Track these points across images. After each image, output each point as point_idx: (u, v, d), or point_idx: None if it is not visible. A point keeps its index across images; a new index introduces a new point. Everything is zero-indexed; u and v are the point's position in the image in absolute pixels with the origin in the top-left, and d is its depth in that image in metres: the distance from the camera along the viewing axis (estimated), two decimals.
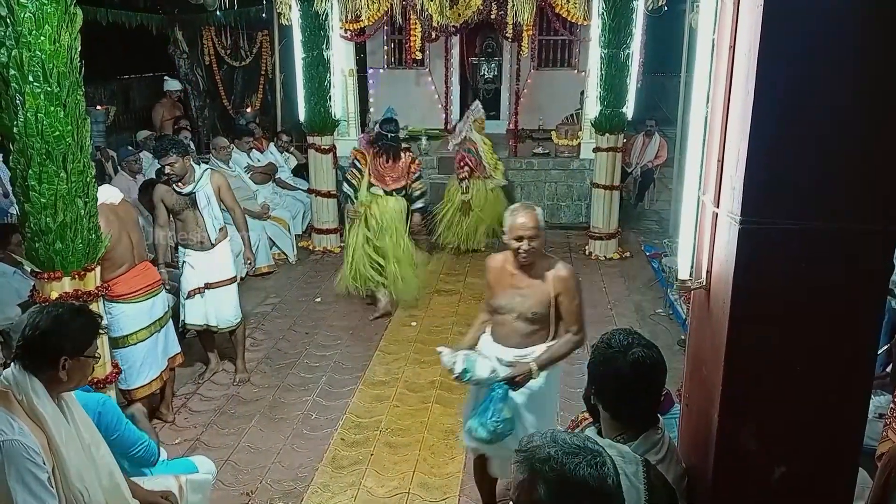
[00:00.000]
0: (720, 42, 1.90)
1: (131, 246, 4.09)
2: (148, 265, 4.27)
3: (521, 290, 3.13)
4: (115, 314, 4.01)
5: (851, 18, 1.62)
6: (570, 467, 1.40)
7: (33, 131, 3.11)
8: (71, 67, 3.19)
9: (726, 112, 1.85)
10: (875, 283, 1.77)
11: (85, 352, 2.37)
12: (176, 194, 4.65)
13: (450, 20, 7.44)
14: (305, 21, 7.27)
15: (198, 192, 4.66)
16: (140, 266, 4.17)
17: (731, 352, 1.81)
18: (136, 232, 4.19)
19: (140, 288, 4.11)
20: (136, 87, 11.74)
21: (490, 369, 3.07)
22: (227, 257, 4.91)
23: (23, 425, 2.14)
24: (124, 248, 4.03)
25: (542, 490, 1.40)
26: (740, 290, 1.77)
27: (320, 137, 7.65)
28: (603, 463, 1.43)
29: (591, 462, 1.41)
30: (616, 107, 7.29)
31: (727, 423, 1.86)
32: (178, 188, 4.64)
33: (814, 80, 1.65)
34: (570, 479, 1.39)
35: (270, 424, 4.42)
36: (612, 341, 1.92)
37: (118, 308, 4.02)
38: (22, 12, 2.99)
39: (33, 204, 3.20)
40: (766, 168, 1.69)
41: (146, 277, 4.18)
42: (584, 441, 1.47)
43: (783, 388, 1.82)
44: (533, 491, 1.42)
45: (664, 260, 6.84)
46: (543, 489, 1.40)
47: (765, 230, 1.71)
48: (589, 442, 1.48)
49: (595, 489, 1.40)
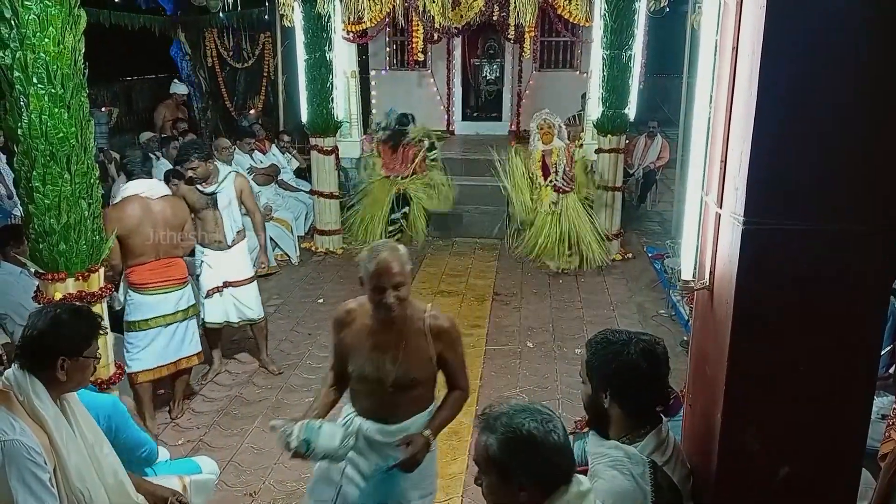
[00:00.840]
0: (723, 43, 1.91)
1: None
2: (173, 263, 4.30)
3: (389, 354, 2.46)
4: (129, 299, 4.22)
5: (854, 19, 1.62)
6: (517, 421, 1.56)
7: (37, 133, 3.12)
8: (75, 69, 3.20)
9: (729, 113, 1.85)
10: (878, 284, 1.77)
11: (84, 352, 2.35)
12: (198, 192, 4.74)
13: (452, 22, 7.45)
14: (308, 23, 7.28)
15: (220, 193, 4.78)
16: (162, 262, 4.22)
17: (734, 352, 1.82)
18: (168, 230, 4.21)
19: (154, 282, 4.20)
20: (139, 89, 11.79)
21: (341, 437, 2.47)
22: (245, 256, 5.01)
23: (24, 426, 2.15)
24: (143, 240, 4.10)
25: (494, 444, 1.56)
26: (743, 290, 1.77)
27: (323, 139, 7.66)
28: (549, 419, 1.57)
29: (536, 418, 1.56)
30: (618, 108, 7.29)
31: (730, 423, 1.87)
32: (201, 187, 4.74)
33: (816, 81, 1.65)
34: (517, 432, 1.54)
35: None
36: (610, 338, 1.93)
37: (131, 294, 4.21)
38: (26, 14, 3.00)
39: (37, 205, 3.21)
40: (769, 168, 1.70)
41: (164, 274, 4.23)
42: (537, 405, 1.63)
43: (786, 388, 1.83)
44: (488, 447, 1.58)
45: (667, 261, 6.84)
46: (494, 443, 1.56)
47: (768, 231, 1.72)
48: (542, 406, 1.63)
49: (540, 441, 1.54)
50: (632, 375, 1.88)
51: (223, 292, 4.92)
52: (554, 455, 1.55)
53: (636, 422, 1.91)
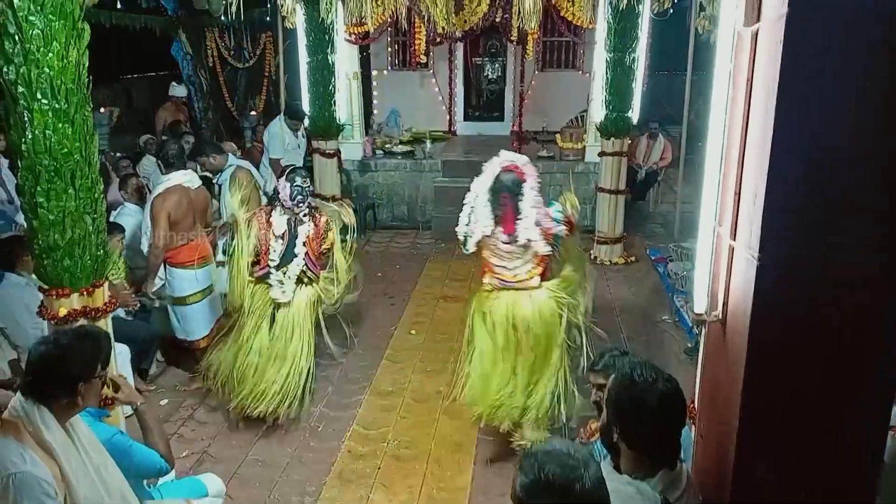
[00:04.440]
0: (737, 73, 1.88)
1: (194, 225, 4.89)
2: (199, 241, 4.94)
3: None
4: (175, 278, 4.93)
5: (874, 55, 1.60)
6: (544, 465, 1.56)
7: (41, 148, 3.10)
8: (79, 84, 3.17)
9: (743, 144, 1.83)
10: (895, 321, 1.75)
11: (95, 373, 2.39)
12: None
13: (455, 27, 7.41)
14: (310, 25, 7.25)
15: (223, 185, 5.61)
16: (197, 241, 4.92)
17: (748, 386, 1.80)
18: (201, 216, 4.98)
19: (192, 259, 4.89)
20: (138, 87, 11.76)
21: None
22: None
23: (34, 456, 2.14)
24: (187, 226, 4.84)
25: (520, 484, 1.59)
26: (759, 325, 1.75)
27: (325, 142, 7.63)
28: (576, 468, 1.56)
29: (564, 464, 1.56)
30: (622, 111, 7.26)
31: (744, 456, 1.85)
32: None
33: (834, 116, 1.63)
34: (540, 477, 1.56)
35: (277, 436, 4.41)
36: (636, 376, 1.90)
37: (177, 272, 4.91)
38: (30, 29, 2.97)
39: (41, 221, 3.19)
40: (786, 205, 1.68)
41: (198, 251, 4.92)
42: (572, 451, 1.61)
43: (802, 421, 1.82)
44: (515, 486, 1.61)
45: (670, 265, 6.83)
46: (520, 484, 1.59)
47: (784, 267, 1.70)
48: (577, 452, 1.62)
49: (561, 490, 1.54)
50: (645, 422, 1.87)
51: None
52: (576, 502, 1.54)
53: (648, 460, 1.90)
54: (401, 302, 6.59)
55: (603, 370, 2.78)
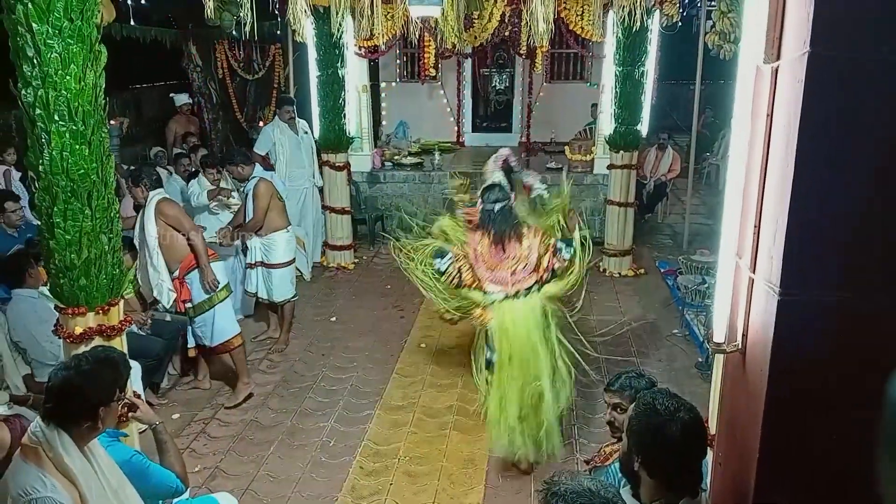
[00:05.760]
0: (757, 107, 1.89)
1: None
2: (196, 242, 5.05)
3: None
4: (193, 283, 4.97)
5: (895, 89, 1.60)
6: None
7: (58, 169, 3.13)
8: (96, 105, 3.20)
9: (763, 178, 1.84)
10: None
11: (115, 397, 2.42)
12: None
13: (466, 44, 7.43)
14: (320, 40, 7.29)
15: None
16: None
17: (769, 418, 1.80)
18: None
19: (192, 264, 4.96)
20: (148, 97, 11.81)
21: None
22: (282, 244, 5.75)
23: (55, 482, 2.16)
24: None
25: None
26: (779, 359, 1.75)
27: (335, 154, 7.66)
28: None
29: None
30: (631, 124, 7.28)
31: (763, 490, 1.85)
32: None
33: (857, 155, 1.63)
34: None
35: (289, 452, 4.42)
36: (657, 405, 1.90)
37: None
38: (48, 52, 3.01)
39: (58, 241, 3.22)
40: (807, 240, 1.67)
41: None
42: (601, 488, 1.58)
43: (822, 456, 1.81)
44: None
45: (679, 278, 6.82)
46: None
47: (805, 302, 1.70)
48: (605, 491, 1.58)
49: None
50: (667, 453, 1.87)
51: (257, 269, 5.80)
52: None
53: (669, 489, 1.90)
54: (410, 314, 6.60)
55: (619, 390, 2.80)
